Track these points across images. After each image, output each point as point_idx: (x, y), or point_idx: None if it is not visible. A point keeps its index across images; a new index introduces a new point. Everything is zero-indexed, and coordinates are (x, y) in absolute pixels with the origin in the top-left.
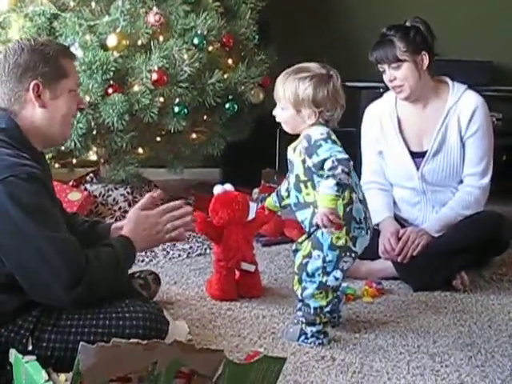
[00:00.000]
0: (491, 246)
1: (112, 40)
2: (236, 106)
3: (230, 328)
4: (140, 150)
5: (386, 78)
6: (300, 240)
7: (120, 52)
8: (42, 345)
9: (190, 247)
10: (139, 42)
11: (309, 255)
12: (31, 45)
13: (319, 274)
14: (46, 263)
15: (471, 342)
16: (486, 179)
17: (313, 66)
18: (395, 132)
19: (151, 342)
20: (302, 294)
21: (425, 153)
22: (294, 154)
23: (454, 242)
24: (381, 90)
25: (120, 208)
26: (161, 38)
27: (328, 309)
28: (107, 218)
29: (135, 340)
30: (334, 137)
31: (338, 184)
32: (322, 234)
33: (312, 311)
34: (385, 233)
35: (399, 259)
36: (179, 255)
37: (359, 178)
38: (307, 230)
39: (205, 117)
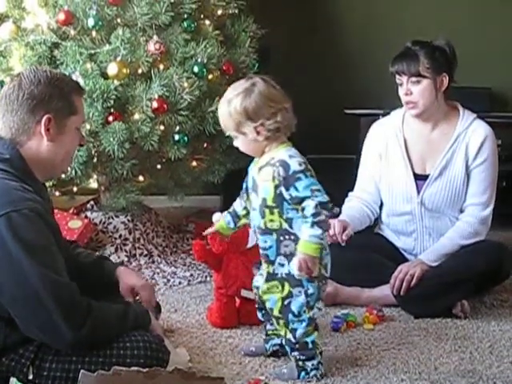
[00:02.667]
0: (492, 277)
1: (112, 68)
2: None
3: (230, 356)
4: (140, 178)
5: (401, 91)
6: (256, 282)
7: (120, 80)
8: (43, 374)
9: (191, 275)
10: (139, 71)
11: (290, 295)
12: (48, 77)
13: (305, 311)
14: (42, 305)
15: (472, 369)
16: (488, 211)
17: (236, 84)
18: (401, 153)
19: (152, 370)
20: (294, 337)
21: (427, 176)
22: (260, 174)
23: (453, 273)
24: (380, 116)
25: (120, 236)
26: (161, 67)
27: (276, 341)
28: (107, 245)
29: (136, 368)
30: (309, 166)
31: (323, 232)
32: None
33: (310, 346)
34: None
35: (395, 292)
36: (180, 283)
37: None
38: (271, 258)
39: (205, 144)
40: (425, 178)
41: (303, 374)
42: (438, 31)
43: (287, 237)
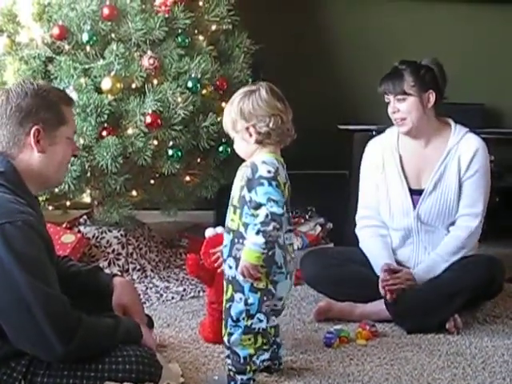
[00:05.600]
0: (485, 290)
1: (106, 83)
2: (229, 149)
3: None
4: (134, 193)
5: (389, 109)
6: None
7: (114, 95)
8: None
9: (184, 290)
10: (133, 85)
11: (231, 299)
12: (34, 89)
13: (243, 318)
14: (32, 317)
15: None
16: (477, 221)
17: (244, 87)
18: (397, 168)
19: None
20: (228, 341)
21: (422, 191)
22: (238, 173)
23: (447, 286)
24: (373, 132)
25: (113, 250)
26: (155, 82)
27: (266, 356)
28: (100, 260)
29: (128, 383)
30: (280, 177)
31: (266, 242)
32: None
33: (242, 360)
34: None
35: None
36: (172, 298)
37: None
38: (224, 257)
39: (198, 159)
40: (420, 192)
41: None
42: (431, 46)
43: (241, 240)
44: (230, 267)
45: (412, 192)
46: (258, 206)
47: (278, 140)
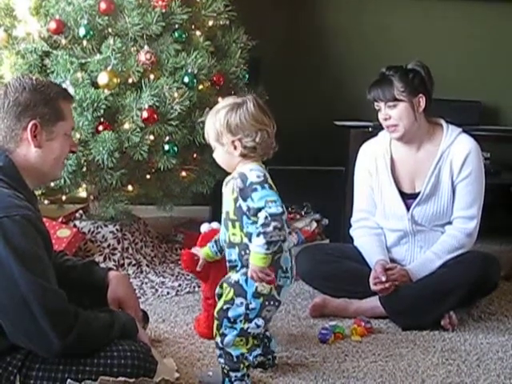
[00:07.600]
0: (480, 287)
1: (103, 78)
2: None
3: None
4: (130, 188)
5: (380, 116)
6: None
7: (111, 90)
8: (30, 382)
9: (179, 285)
10: (130, 80)
11: (231, 301)
12: (33, 84)
13: (241, 321)
14: (29, 312)
15: (460, 382)
16: (473, 224)
17: (229, 99)
18: (387, 172)
19: (139, 380)
20: (222, 342)
21: (417, 194)
22: (226, 188)
23: (442, 283)
24: (369, 128)
25: (109, 245)
26: (151, 77)
27: (258, 352)
28: (96, 255)
29: (122, 378)
30: (270, 180)
31: (268, 243)
32: (246, 281)
33: (235, 359)
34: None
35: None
36: (168, 293)
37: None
38: (237, 270)
39: (194, 155)
40: (414, 196)
41: (227, 380)
42: (426, 44)
43: (248, 251)
44: (237, 271)
45: (406, 196)
46: (257, 211)
47: (262, 154)
